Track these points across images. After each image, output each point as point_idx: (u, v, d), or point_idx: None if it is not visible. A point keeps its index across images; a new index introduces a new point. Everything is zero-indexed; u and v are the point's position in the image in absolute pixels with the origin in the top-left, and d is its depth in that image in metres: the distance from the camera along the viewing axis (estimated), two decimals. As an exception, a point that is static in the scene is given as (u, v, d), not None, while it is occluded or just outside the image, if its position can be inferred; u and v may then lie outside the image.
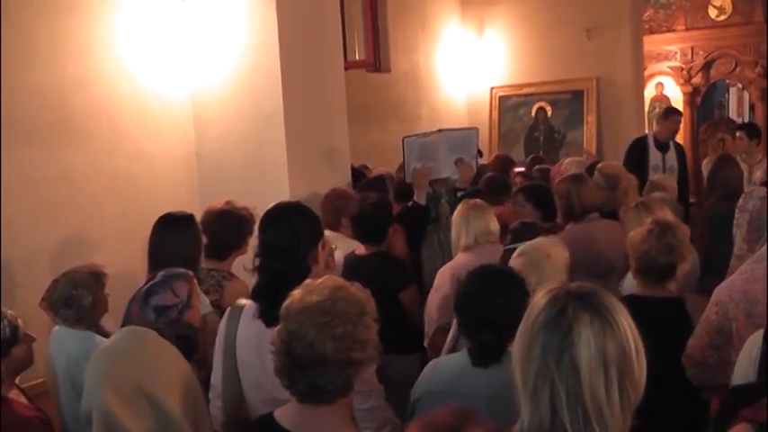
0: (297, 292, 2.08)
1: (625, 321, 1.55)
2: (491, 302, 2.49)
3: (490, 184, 5.42)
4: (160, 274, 3.09)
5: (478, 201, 4.18)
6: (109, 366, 1.86)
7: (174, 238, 3.58)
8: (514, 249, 3.33)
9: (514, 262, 3.13)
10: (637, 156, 7.10)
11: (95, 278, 3.41)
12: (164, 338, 1.90)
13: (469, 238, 3.99)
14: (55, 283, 3.37)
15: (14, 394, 2.89)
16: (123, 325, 3.33)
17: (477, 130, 5.80)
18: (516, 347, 1.59)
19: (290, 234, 2.63)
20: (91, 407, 1.81)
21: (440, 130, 5.47)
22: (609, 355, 1.50)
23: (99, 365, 1.89)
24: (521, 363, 1.56)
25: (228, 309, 2.81)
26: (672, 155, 7.25)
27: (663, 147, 7.25)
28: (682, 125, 11.11)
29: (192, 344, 2.00)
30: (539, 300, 1.60)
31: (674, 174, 6.98)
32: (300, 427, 2.03)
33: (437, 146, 5.27)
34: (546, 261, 3.08)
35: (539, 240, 3.28)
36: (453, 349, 3.20)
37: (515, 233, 3.81)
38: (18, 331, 2.84)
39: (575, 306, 1.54)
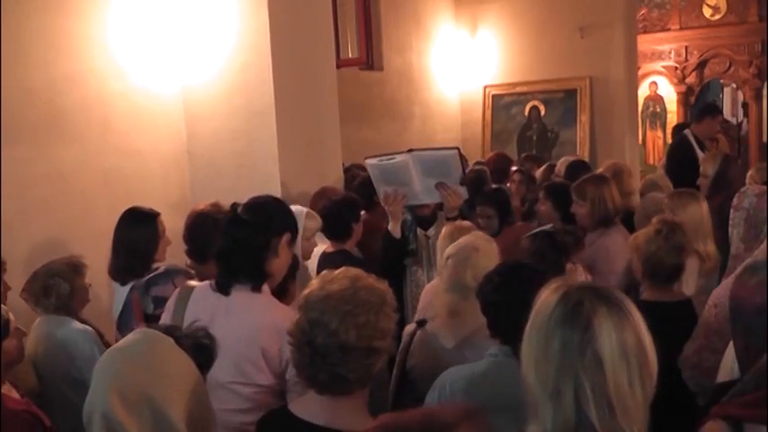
0: (315, 282, 2.09)
1: (637, 313, 1.54)
2: (532, 292, 2.42)
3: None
4: (162, 266, 3.14)
5: (464, 222, 3.96)
6: (118, 368, 1.79)
7: (130, 233, 3.66)
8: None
9: (445, 265, 3.07)
10: (685, 157, 6.37)
11: (73, 268, 3.51)
12: (179, 347, 1.85)
13: None
14: (35, 275, 3.49)
15: (5, 389, 2.89)
16: (122, 312, 3.43)
17: (457, 149, 4.42)
18: (528, 347, 1.55)
19: (261, 213, 2.69)
20: (94, 408, 1.76)
21: (410, 151, 4.41)
22: (629, 346, 1.48)
23: (109, 366, 1.81)
24: (536, 362, 1.52)
25: (177, 290, 2.83)
26: None
27: (702, 147, 6.71)
28: (674, 124, 11.21)
29: (209, 355, 1.97)
30: (547, 297, 1.56)
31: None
32: (319, 417, 2.03)
33: (406, 170, 4.29)
34: (475, 254, 3.01)
35: (463, 239, 3.18)
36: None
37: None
38: (9, 324, 2.82)
39: (590, 299, 1.51)
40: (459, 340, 2.86)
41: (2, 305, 2.88)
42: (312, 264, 3.98)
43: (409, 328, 3.22)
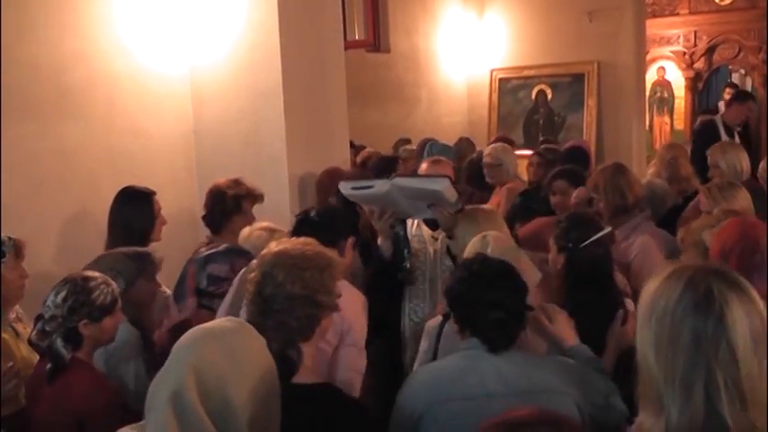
0: (272, 244, 2.33)
1: (758, 297, 1.45)
2: (497, 281, 2.43)
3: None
4: (224, 245, 3.15)
5: (485, 206, 3.72)
6: (201, 348, 1.64)
7: (126, 212, 3.72)
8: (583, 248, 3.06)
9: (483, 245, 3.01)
10: (708, 142, 5.81)
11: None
12: (269, 351, 1.78)
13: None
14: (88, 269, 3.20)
15: None
16: (178, 284, 3.33)
17: (447, 178, 3.56)
18: (648, 335, 1.45)
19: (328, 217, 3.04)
20: (164, 385, 1.62)
21: (389, 177, 3.66)
22: (758, 334, 1.40)
23: (191, 343, 1.67)
24: (658, 352, 1.43)
25: (240, 273, 2.98)
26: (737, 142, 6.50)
27: (730, 133, 6.65)
28: (683, 111, 11.14)
29: (291, 367, 2.00)
30: (668, 281, 1.45)
31: None
32: None
33: (389, 198, 3.53)
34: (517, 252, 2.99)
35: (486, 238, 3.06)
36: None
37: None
38: (116, 303, 2.69)
39: (719, 286, 1.42)
40: None
41: (115, 282, 2.73)
42: None
43: (435, 321, 3.06)
